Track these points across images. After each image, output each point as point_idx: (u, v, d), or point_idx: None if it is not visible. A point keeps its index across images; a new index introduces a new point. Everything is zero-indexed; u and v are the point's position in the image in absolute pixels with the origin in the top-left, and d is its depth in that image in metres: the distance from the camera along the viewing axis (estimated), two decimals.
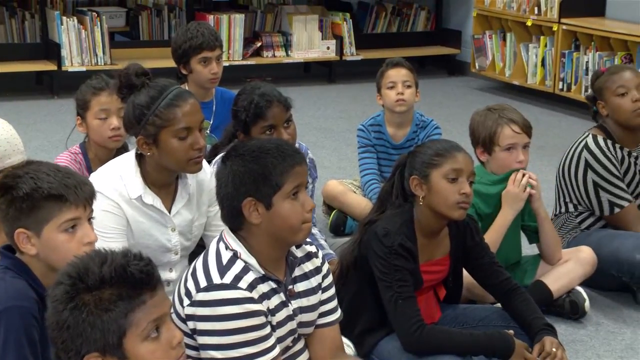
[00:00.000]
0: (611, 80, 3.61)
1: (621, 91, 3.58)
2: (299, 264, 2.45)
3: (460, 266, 3.02)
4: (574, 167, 3.64)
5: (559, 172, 3.72)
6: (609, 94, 3.61)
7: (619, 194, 3.58)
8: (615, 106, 3.60)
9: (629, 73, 3.62)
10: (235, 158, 2.33)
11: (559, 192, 3.74)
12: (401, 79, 4.24)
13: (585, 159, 3.60)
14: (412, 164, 2.87)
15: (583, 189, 3.62)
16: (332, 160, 5.48)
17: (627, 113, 3.58)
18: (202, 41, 4.00)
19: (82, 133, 3.44)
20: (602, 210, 3.61)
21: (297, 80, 7.58)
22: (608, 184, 3.58)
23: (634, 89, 3.58)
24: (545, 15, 6.75)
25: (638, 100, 3.56)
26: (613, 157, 3.60)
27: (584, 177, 3.61)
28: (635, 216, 3.62)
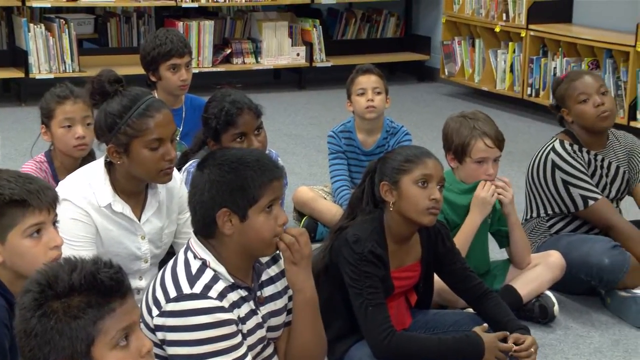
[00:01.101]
0: (572, 87, 3.64)
1: (583, 98, 3.62)
2: (266, 269, 2.45)
3: (431, 272, 3.03)
4: (542, 171, 3.67)
5: (528, 178, 3.74)
6: (571, 101, 3.64)
7: (590, 188, 3.62)
8: (578, 113, 3.64)
9: (588, 78, 3.66)
10: (214, 167, 2.32)
11: (529, 197, 3.76)
12: (371, 85, 4.25)
13: (552, 160, 3.64)
14: (382, 170, 2.88)
15: (554, 189, 3.65)
16: (303, 166, 5.48)
17: (592, 118, 3.62)
18: (171, 48, 3.99)
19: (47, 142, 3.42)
20: (576, 206, 3.63)
21: (267, 87, 7.58)
22: (577, 179, 3.61)
23: (595, 94, 3.61)
24: (514, 22, 6.80)
25: (600, 105, 3.60)
26: (580, 159, 3.64)
27: (552, 177, 3.64)
28: (611, 208, 3.65)
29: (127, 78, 2.95)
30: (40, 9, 7.35)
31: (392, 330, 2.75)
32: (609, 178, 3.71)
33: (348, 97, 4.33)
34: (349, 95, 4.32)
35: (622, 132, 3.87)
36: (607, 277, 3.50)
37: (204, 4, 7.28)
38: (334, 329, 2.86)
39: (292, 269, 2.41)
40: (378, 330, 2.74)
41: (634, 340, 3.39)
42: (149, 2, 7.30)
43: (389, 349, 2.74)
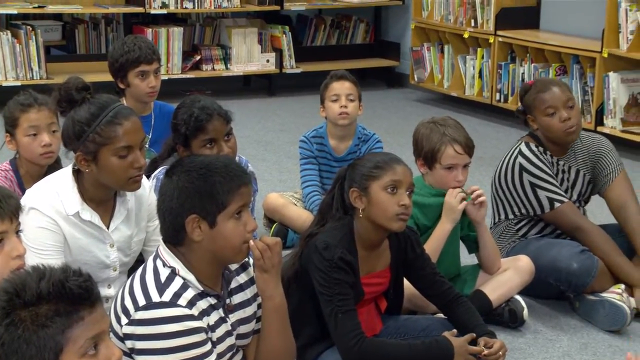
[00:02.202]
0: (539, 99, 3.66)
1: (550, 111, 3.64)
2: (235, 276, 2.45)
3: (401, 278, 3.04)
4: (510, 174, 3.69)
5: (495, 182, 3.77)
6: (538, 113, 3.66)
7: (556, 191, 3.65)
8: (545, 125, 3.66)
9: (556, 90, 3.66)
10: (182, 173, 2.31)
11: (497, 202, 3.79)
12: (345, 92, 4.26)
13: (519, 164, 3.67)
14: (352, 176, 2.88)
15: (522, 191, 3.67)
16: (273, 173, 5.48)
17: (558, 132, 3.65)
18: (140, 55, 3.97)
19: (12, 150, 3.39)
20: (542, 209, 3.66)
21: (237, 94, 7.57)
22: (544, 182, 3.64)
23: (562, 108, 3.63)
24: (482, 28, 6.85)
25: (567, 120, 3.63)
26: (546, 161, 3.67)
27: (520, 180, 3.67)
28: (576, 211, 3.68)
29: (95, 85, 2.93)
30: (7, 16, 7.29)
31: (362, 336, 2.75)
32: (569, 182, 3.75)
33: (321, 102, 4.33)
34: (322, 100, 4.32)
35: (587, 133, 3.88)
36: (576, 282, 3.52)
37: (172, 10, 7.26)
38: (305, 335, 2.86)
39: (262, 276, 2.41)
40: (348, 336, 2.74)
41: (602, 343, 3.42)
42: (117, 8, 7.27)
43: (359, 355, 2.74)
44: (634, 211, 3.72)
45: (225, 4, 7.33)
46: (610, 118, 5.97)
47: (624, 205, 3.72)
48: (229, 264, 2.41)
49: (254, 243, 2.36)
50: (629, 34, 5.82)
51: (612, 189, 3.75)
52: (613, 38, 5.91)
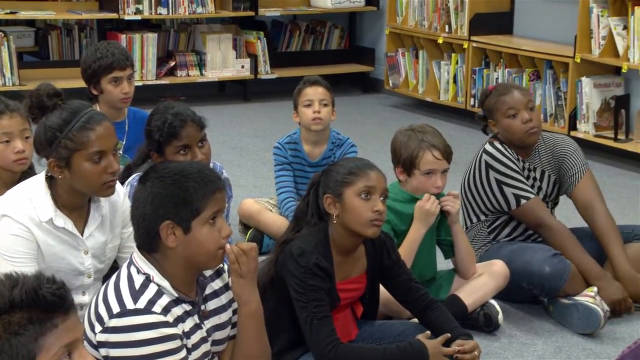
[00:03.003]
0: (501, 101, 3.70)
1: (511, 113, 3.68)
2: (209, 282, 2.44)
3: (377, 283, 3.05)
4: (477, 174, 3.72)
5: (465, 185, 3.80)
6: (500, 115, 3.70)
7: (522, 187, 3.68)
8: (506, 127, 3.70)
9: (517, 93, 3.71)
10: (156, 180, 2.31)
11: (467, 206, 3.81)
12: (318, 97, 4.27)
13: (485, 161, 3.70)
14: (326, 182, 2.89)
15: (489, 189, 3.70)
16: (248, 179, 5.47)
17: (519, 134, 3.68)
18: (113, 61, 3.96)
19: None
20: (509, 205, 3.68)
21: (212, 99, 7.55)
22: (510, 179, 3.67)
23: (523, 109, 3.67)
24: (456, 33, 6.88)
25: (528, 121, 3.66)
26: (511, 156, 3.69)
27: (487, 178, 3.70)
28: (543, 208, 3.71)
29: (69, 91, 2.92)
30: None
31: (337, 342, 2.75)
32: (537, 181, 3.78)
33: (295, 108, 4.33)
34: (295, 106, 4.33)
35: (550, 134, 3.91)
36: (549, 285, 3.55)
37: (147, 16, 7.24)
38: (280, 341, 2.85)
39: (238, 282, 2.40)
40: (323, 342, 2.74)
41: (576, 346, 3.44)
42: (90, 14, 7.24)
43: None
44: (600, 210, 3.75)
45: (199, 9, 7.32)
46: (584, 123, 6.01)
47: (591, 205, 3.75)
48: (204, 270, 2.40)
49: (229, 248, 2.36)
50: (601, 40, 5.88)
51: (579, 189, 3.78)
52: (585, 43, 5.96)
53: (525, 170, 3.75)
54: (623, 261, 3.65)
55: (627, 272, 3.65)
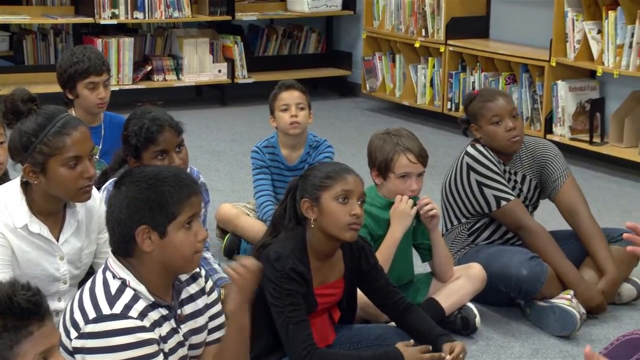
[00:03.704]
0: (485, 107, 3.71)
1: (495, 120, 3.69)
2: (185, 287, 2.44)
3: (354, 288, 3.05)
4: (458, 176, 3.74)
5: (445, 188, 3.81)
6: (484, 121, 3.71)
7: (503, 189, 3.69)
8: (490, 133, 3.71)
9: (502, 101, 3.72)
10: (131, 184, 2.30)
11: (447, 209, 3.82)
12: (294, 101, 4.26)
13: (466, 163, 3.71)
14: (303, 187, 2.89)
15: (469, 191, 3.71)
16: (225, 183, 5.46)
17: (502, 141, 3.70)
18: (89, 66, 3.94)
19: None
20: (489, 207, 3.70)
21: (189, 104, 7.54)
22: (490, 180, 3.68)
23: (507, 117, 3.69)
24: (433, 37, 6.90)
25: (512, 130, 3.68)
26: (493, 159, 3.71)
27: (468, 180, 3.71)
28: (523, 210, 3.73)
29: (44, 96, 2.90)
30: None
31: (313, 347, 2.75)
32: (518, 184, 3.80)
33: (271, 113, 4.33)
34: (272, 111, 4.32)
35: (531, 138, 3.93)
36: (526, 288, 3.56)
37: (123, 21, 7.21)
38: (258, 346, 2.85)
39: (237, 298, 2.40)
40: (300, 347, 2.74)
41: (553, 349, 3.46)
42: (66, 19, 7.20)
43: None
44: (585, 215, 3.78)
45: (176, 14, 7.30)
46: (559, 126, 6.05)
47: (575, 210, 3.78)
48: (181, 274, 2.40)
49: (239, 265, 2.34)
50: (576, 43, 5.92)
51: (562, 194, 3.81)
52: (561, 47, 6.00)
53: (507, 173, 3.77)
54: (611, 265, 3.68)
55: (616, 276, 3.69)
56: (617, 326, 3.58)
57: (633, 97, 5.78)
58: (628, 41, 5.58)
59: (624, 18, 5.60)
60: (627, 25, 5.58)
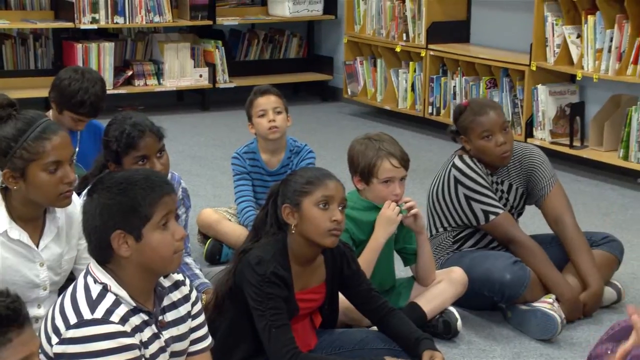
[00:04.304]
0: (476, 122, 3.68)
1: (486, 134, 3.67)
2: (168, 294, 2.43)
3: (336, 293, 3.05)
4: (446, 188, 3.73)
5: (432, 195, 3.80)
6: (474, 135, 3.69)
7: (491, 203, 3.69)
8: (480, 147, 3.69)
9: (492, 115, 3.68)
10: (102, 190, 2.29)
11: (433, 215, 3.81)
12: (271, 106, 4.27)
13: (454, 176, 3.70)
14: (284, 192, 2.88)
15: (457, 204, 3.71)
16: (207, 188, 5.45)
17: (492, 156, 3.69)
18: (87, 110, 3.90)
19: None
20: (478, 221, 3.70)
21: (170, 109, 7.52)
22: (478, 194, 3.68)
23: (498, 132, 3.67)
24: (414, 42, 6.92)
25: (502, 144, 3.67)
26: (480, 171, 3.71)
27: (455, 193, 3.70)
28: (513, 223, 3.73)
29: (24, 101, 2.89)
30: None
31: (295, 351, 2.75)
32: (504, 194, 3.80)
33: (249, 119, 4.33)
34: (249, 117, 4.32)
35: (518, 144, 3.92)
36: (509, 292, 3.57)
37: (103, 25, 7.18)
38: (240, 351, 2.85)
39: None
40: (282, 351, 2.73)
41: (534, 352, 3.47)
42: (46, 23, 7.17)
43: None
44: (570, 224, 3.78)
45: (157, 18, 7.29)
46: (540, 130, 6.08)
47: (561, 219, 3.79)
48: (163, 275, 2.39)
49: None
50: (555, 48, 5.95)
51: (549, 201, 3.81)
52: (541, 52, 6.03)
53: (493, 184, 3.77)
54: (595, 278, 3.68)
55: (600, 290, 3.70)
56: (598, 329, 3.59)
57: (612, 101, 5.82)
58: (607, 45, 5.62)
59: (603, 23, 5.63)
60: (606, 30, 5.62)
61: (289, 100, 4.44)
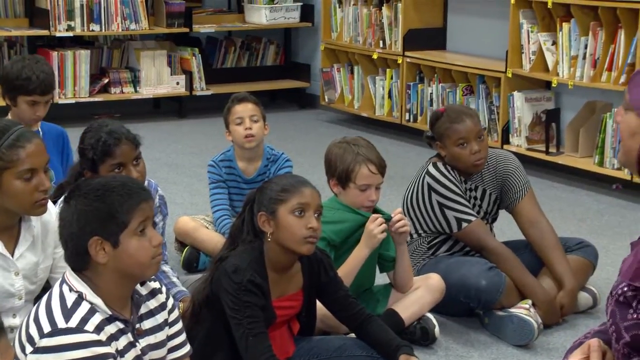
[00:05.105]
0: (452, 129, 3.70)
1: (461, 142, 3.70)
2: (145, 302, 2.42)
3: (313, 300, 3.04)
4: (420, 195, 3.74)
5: (407, 202, 3.81)
6: (449, 142, 3.71)
7: (464, 210, 3.71)
8: (454, 154, 3.71)
9: (468, 122, 3.70)
10: (80, 197, 2.28)
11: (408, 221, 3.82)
12: (248, 114, 4.26)
13: (427, 184, 3.72)
14: (260, 200, 2.88)
15: (431, 211, 3.73)
16: (184, 196, 5.44)
17: (466, 163, 3.71)
18: (37, 86, 3.84)
19: None
20: (450, 228, 3.72)
21: (147, 116, 7.49)
22: (452, 202, 3.70)
23: (473, 140, 3.69)
24: (390, 49, 6.94)
25: (477, 152, 3.70)
26: (453, 179, 3.73)
27: (429, 200, 3.72)
28: (485, 231, 3.75)
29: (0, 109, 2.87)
30: None
31: (273, 358, 2.74)
32: (477, 200, 3.82)
33: (226, 127, 4.32)
34: (226, 125, 4.32)
35: (492, 150, 3.94)
36: (485, 298, 3.58)
37: (79, 33, 7.15)
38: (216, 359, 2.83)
39: None
40: (259, 359, 2.72)
41: (511, 357, 3.48)
42: (20, 31, 7.13)
43: None
44: (546, 225, 3.81)
45: (133, 26, 7.26)
46: (516, 136, 6.11)
47: (536, 219, 3.81)
48: (140, 280, 2.38)
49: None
50: (531, 55, 5.99)
51: (522, 206, 3.83)
52: (516, 58, 6.06)
53: (467, 191, 3.78)
54: (570, 277, 3.70)
55: (575, 288, 3.72)
56: (574, 334, 3.61)
57: (587, 108, 5.86)
58: (582, 52, 5.66)
59: (577, 30, 5.67)
60: (580, 37, 5.66)
61: (266, 107, 4.44)
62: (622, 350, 1.99)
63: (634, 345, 1.96)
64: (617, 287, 1.99)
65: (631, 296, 1.96)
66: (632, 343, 1.96)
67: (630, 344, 1.96)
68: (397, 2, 6.87)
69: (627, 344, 1.97)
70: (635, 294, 1.95)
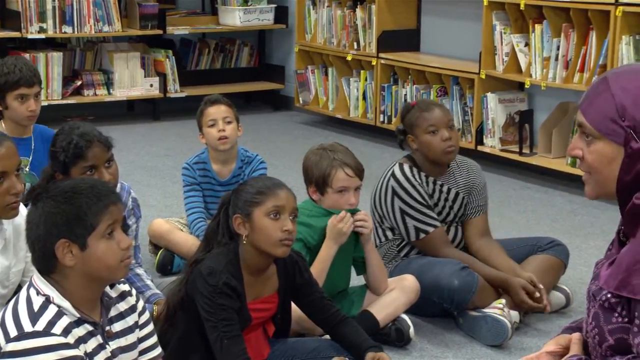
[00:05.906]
0: (422, 117, 3.74)
1: (431, 129, 3.72)
2: (114, 304, 2.40)
3: (288, 302, 3.04)
4: (383, 197, 3.76)
5: (373, 204, 3.82)
6: (420, 131, 3.74)
7: (424, 220, 3.72)
8: (426, 143, 3.74)
9: (438, 111, 3.76)
10: (47, 199, 2.27)
11: (376, 224, 3.82)
12: (221, 115, 4.25)
13: (392, 187, 3.73)
14: (235, 202, 2.87)
15: (392, 216, 3.74)
16: (158, 198, 5.41)
17: (438, 151, 3.73)
18: (20, 77, 3.86)
19: None
20: (409, 236, 3.74)
21: (120, 119, 7.46)
22: (413, 210, 3.71)
23: (443, 127, 3.73)
24: (364, 50, 6.95)
25: (447, 140, 3.72)
26: (418, 185, 3.74)
27: (392, 204, 3.73)
28: (442, 241, 3.76)
29: None
30: None
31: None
32: (448, 202, 3.83)
33: (199, 129, 4.31)
34: (200, 127, 4.31)
35: (464, 159, 3.97)
36: (458, 298, 3.60)
37: (51, 35, 7.10)
38: None
39: None
40: None
41: (486, 357, 3.50)
42: None
43: None
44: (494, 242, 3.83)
45: (106, 28, 7.23)
46: (490, 137, 6.14)
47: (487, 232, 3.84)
48: (109, 283, 2.36)
49: None
50: (504, 56, 6.02)
51: (474, 222, 3.84)
52: (490, 60, 6.09)
53: (437, 191, 3.79)
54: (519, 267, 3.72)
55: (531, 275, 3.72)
56: (547, 334, 3.63)
57: (560, 109, 5.90)
58: (554, 54, 5.70)
59: (549, 31, 5.71)
60: (552, 39, 5.70)
61: (241, 109, 4.43)
62: (603, 353, 1.99)
63: (617, 348, 1.96)
64: (601, 293, 1.98)
65: (615, 302, 1.96)
66: (615, 346, 1.96)
67: (614, 347, 1.96)
68: (371, 3, 6.89)
69: (611, 347, 1.97)
70: (619, 300, 1.95)
